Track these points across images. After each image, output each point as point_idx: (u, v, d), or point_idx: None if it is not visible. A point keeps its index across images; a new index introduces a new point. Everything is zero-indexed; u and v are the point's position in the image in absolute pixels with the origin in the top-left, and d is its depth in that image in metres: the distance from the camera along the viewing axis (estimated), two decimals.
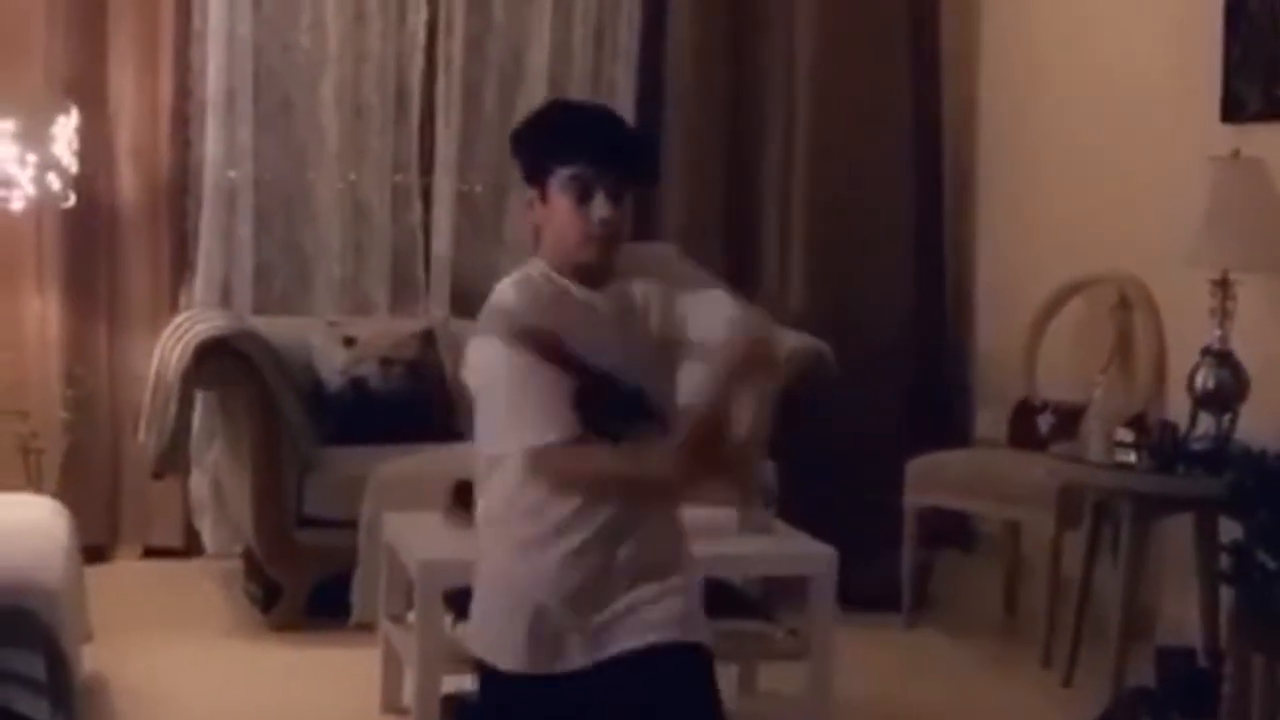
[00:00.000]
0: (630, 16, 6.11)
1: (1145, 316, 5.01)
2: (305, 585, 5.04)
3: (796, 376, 5.29)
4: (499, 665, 2.61)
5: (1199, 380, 4.44)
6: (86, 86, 5.59)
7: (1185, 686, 4.07)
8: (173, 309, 5.66)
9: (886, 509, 5.22)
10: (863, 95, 5.97)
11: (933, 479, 5.17)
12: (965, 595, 5.52)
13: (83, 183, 5.43)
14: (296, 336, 5.48)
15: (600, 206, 2.58)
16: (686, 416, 2.50)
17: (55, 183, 5.27)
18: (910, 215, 6.03)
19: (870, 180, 5.98)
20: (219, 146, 5.73)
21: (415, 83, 5.97)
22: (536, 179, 2.64)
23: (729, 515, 4.08)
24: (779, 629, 4.14)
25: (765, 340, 2.60)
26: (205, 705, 4.39)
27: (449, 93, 5.99)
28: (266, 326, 5.43)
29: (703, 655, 2.61)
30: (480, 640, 2.67)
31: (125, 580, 5.44)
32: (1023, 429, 5.24)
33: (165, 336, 5.36)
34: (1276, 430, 4.20)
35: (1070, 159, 5.53)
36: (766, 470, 4.41)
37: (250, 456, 5.05)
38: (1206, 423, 4.42)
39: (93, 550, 5.17)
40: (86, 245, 5.66)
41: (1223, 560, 3.86)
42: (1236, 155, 4.43)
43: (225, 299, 5.74)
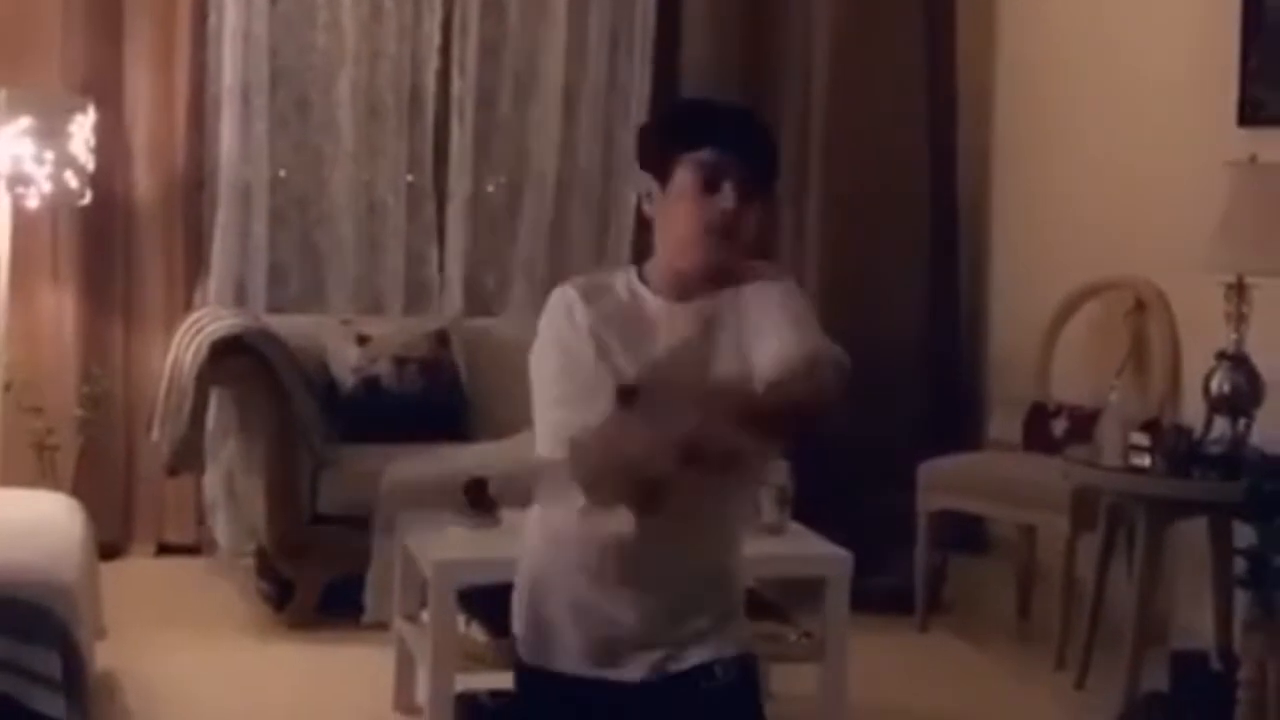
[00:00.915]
0: (645, 20, 6.11)
1: (1160, 320, 5.00)
2: (318, 583, 5.04)
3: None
4: (553, 666, 2.46)
5: (1214, 384, 4.43)
6: (103, 84, 5.60)
7: (1200, 691, 4.07)
8: (188, 307, 5.67)
9: (901, 512, 5.22)
10: (878, 100, 5.96)
11: (947, 482, 5.17)
12: (979, 598, 5.52)
13: (99, 180, 5.44)
14: (310, 335, 5.49)
15: (726, 197, 2.39)
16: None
17: (72, 180, 5.28)
18: (925, 218, 6.03)
19: (885, 183, 5.98)
20: (234, 145, 5.75)
21: (430, 83, 5.98)
22: (660, 166, 2.45)
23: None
24: (793, 631, 4.13)
25: (801, 395, 2.33)
26: (218, 703, 4.39)
27: (463, 93, 5.99)
28: (281, 325, 5.44)
29: (752, 663, 2.52)
30: (532, 643, 2.50)
31: (139, 577, 5.45)
32: (1037, 432, 5.23)
33: (180, 334, 5.37)
34: None
35: (1086, 162, 5.52)
36: (783, 471, 4.41)
37: (264, 454, 5.06)
38: (1221, 427, 4.42)
39: (107, 547, 5.16)
40: (102, 243, 5.67)
41: (1238, 565, 3.85)
42: (1253, 160, 4.42)
43: (240, 297, 5.75)
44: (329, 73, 5.89)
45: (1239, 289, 4.40)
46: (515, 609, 2.53)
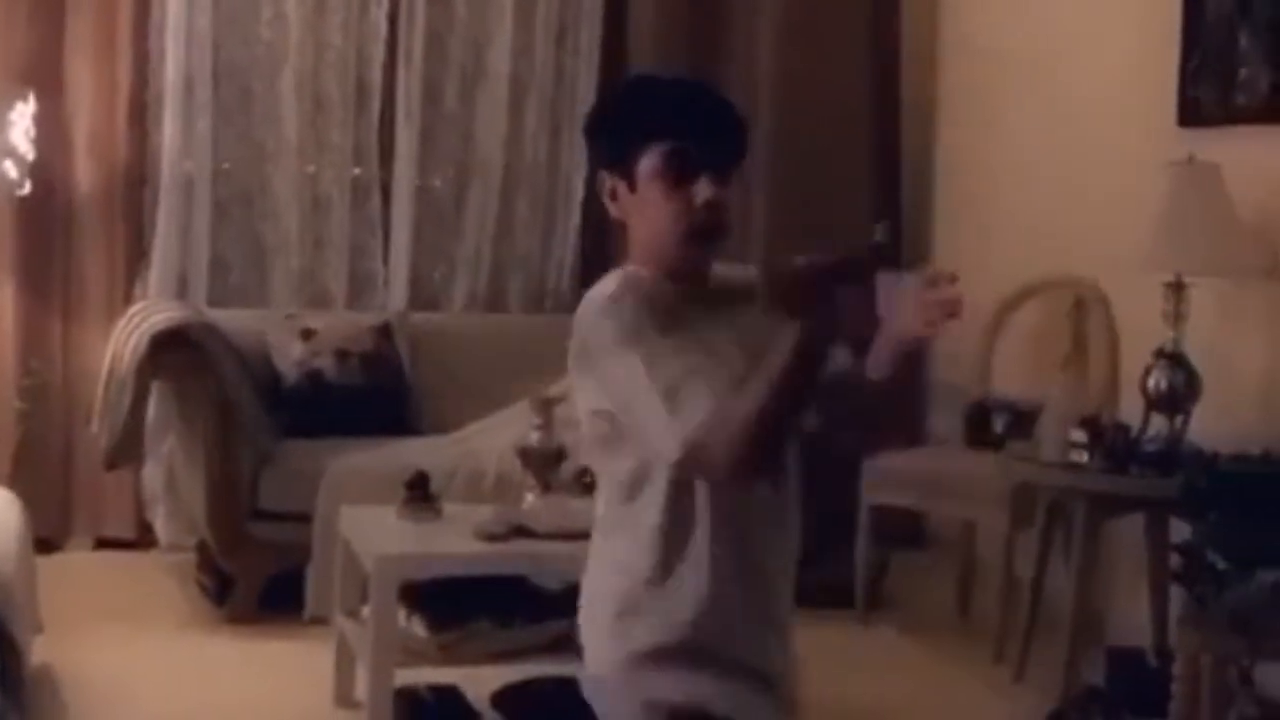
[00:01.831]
0: (591, 13, 6.12)
1: (1100, 319, 5.04)
2: (259, 578, 5.02)
3: None
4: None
5: (1152, 382, 4.47)
6: (44, 74, 5.55)
7: (1135, 685, 4.11)
8: (128, 299, 5.63)
9: (842, 506, 5.24)
10: (821, 95, 5.99)
11: (888, 478, 5.19)
12: (919, 593, 5.55)
13: (38, 171, 5.39)
14: (253, 329, 5.46)
15: (705, 188, 2.21)
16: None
17: (11, 171, 5.24)
18: (867, 216, 6.05)
19: (828, 178, 6.00)
20: (177, 137, 5.71)
21: (376, 76, 5.96)
22: (621, 163, 2.23)
23: None
24: None
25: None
26: (157, 698, 4.36)
27: (409, 86, 5.97)
28: (223, 318, 5.41)
29: None
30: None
31: (77, 572, 5.41)
32: (978, 429, 5.26)
33: (120, 327, 5.33)
34: (1227, 432, 4.24)
35: (1027, 162, 5.56)
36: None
37: (205, 449, 5.03)
38: (1159, 424, 4.46)
39: (44, 541, 5.14)
40: (42, 234, 5.62)
41: (1173, 560, 3.89)
42: (1192, 160, 4.47)
43: (181, 290, 5.71)
44: (273, 65, 5.86)
45: (1177, 288, 4.44)
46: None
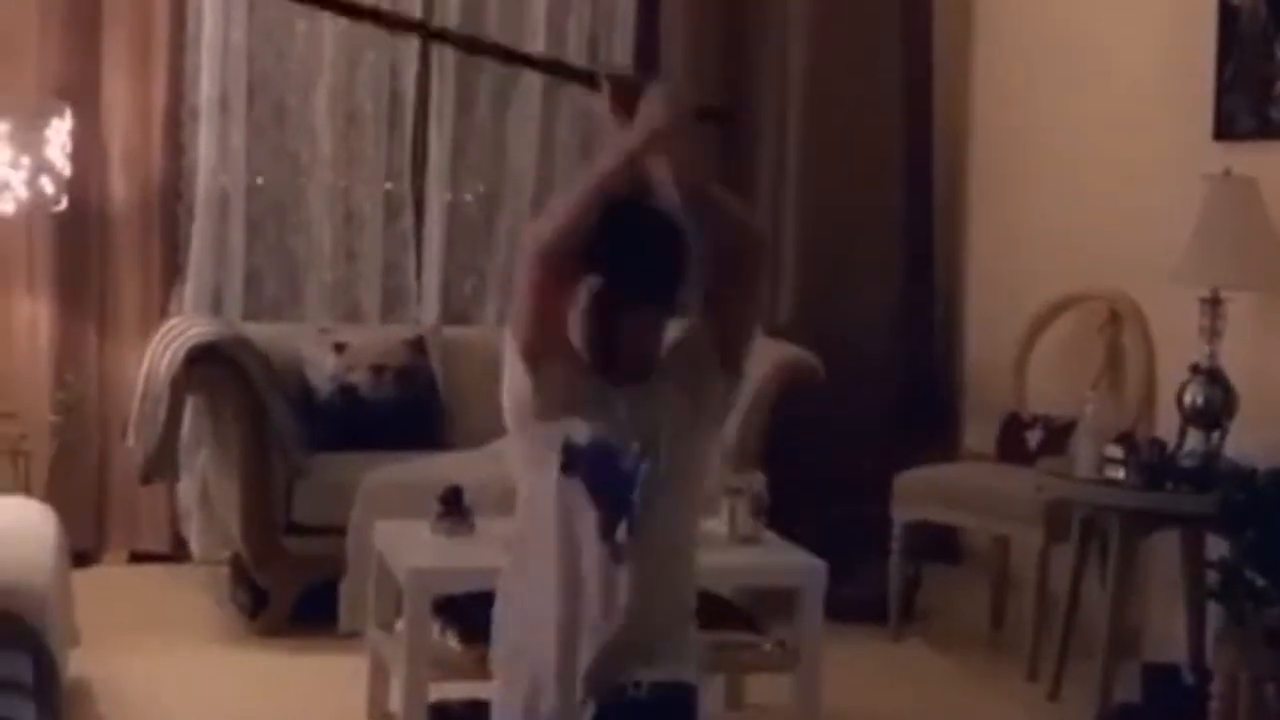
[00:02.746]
0: (624, 31, 6.12)
1: (1135, 333, 5.02)
2: (292, 592, 5.03)
3: (786, 388, 5.31)
4: None
5: (1188, 397, 4.44)
6: (80, 90, 5.59)
7: (1172, 703, 4.08)
8: (163, 314, 5.65)
9: (875, 522, 5.23)
10: (855, 111, 5.99)
11: (921, 492, 5.18)
12: (953, 609, 5.52)
13: (75, 187, 5.43)
14: (287, 343, 5.47)
15: (630, 322, 2.43)
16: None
17: (48, 186, 5.27)
18: (901, 229, 6.05)
19: (862, 194, 5.99)
20: (211, 152, 5.73)
21: (409, 91, 5.98)
22: (580, 263, 2.43)
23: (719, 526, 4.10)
24: (767, 640, 4.14)
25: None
26: (191, 711, 4.37)
27: (441, 101, 5.99)
28: (257, 333, 5.43)
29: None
30: None
31: (112, 585, 5.43)
32: (1012, 444, 5.25)
33: (155, 341, 5.35)
34: (1265, 448, 4.21)
35: (1062, 175, 5.54)
36: (758, 481, 4.41)
37: (239, 463, 5.05)
38: (1195, 440, 4.43)
39: (80, 555, 5.15)
40: (78, 249, 5.65)
41: (1210, 577, 3.87)
42: (1228, 173, 4.44)
43: (216, 305, 5.74)
44: (307, 80, 5.88)
45: (1213, 302, 4.42)
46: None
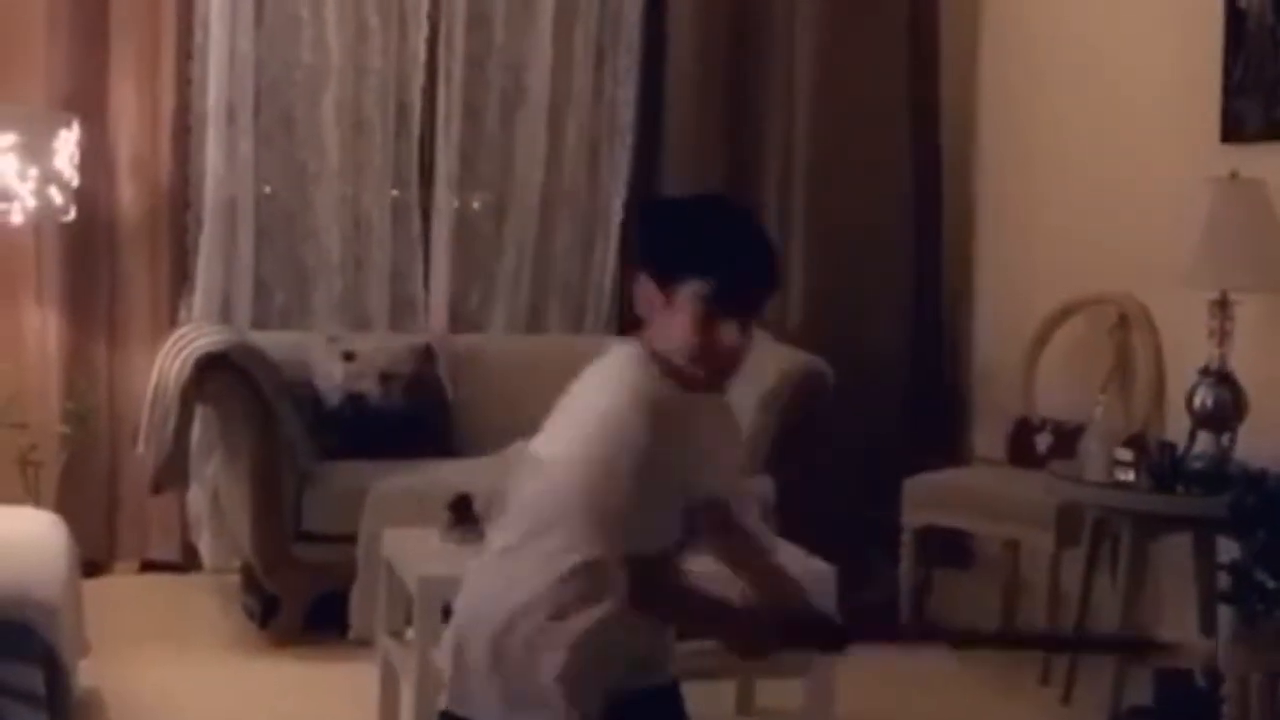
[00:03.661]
0: (630, 37, 6.13)
1: (1144, 336, 5.02)
2: (303, 600, 5.03)
3: (795, 393, 5.31)
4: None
5: (1198, 400, 4.44)
6: (88, 100, 5.60)
7: (1184, 706, 4.07)
8: (172, 323, 5.66)
9: (885, 526, 5.23)
10: (862, 116, 5.99)
11: (931, 497, 5.17)
12: (964, 613, 5.52)
13: (83, 196, 5.43)
14: (296, 351, 5.48)
15: (731, 332, 2.37)
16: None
17: (56, 196, 5.27)
18: (909, 234, 6.05)
19: (869, 199, 6.00)
20: (219, 161, 5.74)
21: (416, 98, 5.98)
22: (663, 276, 2.39)
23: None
24: None
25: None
26: (202, 719, 4.37)
27: (449, 108, 6.00)
28: (266, 341, 5.43)
29: None
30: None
31: (123, 594, 5.44)
32: (1021, 447, 5.24)
33: (164, 350, 5.36)
34: (1275, 450, 4.21)
35: (1070, 178, 5.54)
36: (765, 485, 4.40)
37: (249, 471, 5.05)
38: (1205, 442, 4.42)
39: (90, 564, 5.16)
40: (87, 259, 5.66)
41: (1222, 580, 3.86)
42: (1235, 176, 4.44)
43: (225, 313, 5.74)
44: (314, 88, 5.89)
45: (1222, 304, 4.41)
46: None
